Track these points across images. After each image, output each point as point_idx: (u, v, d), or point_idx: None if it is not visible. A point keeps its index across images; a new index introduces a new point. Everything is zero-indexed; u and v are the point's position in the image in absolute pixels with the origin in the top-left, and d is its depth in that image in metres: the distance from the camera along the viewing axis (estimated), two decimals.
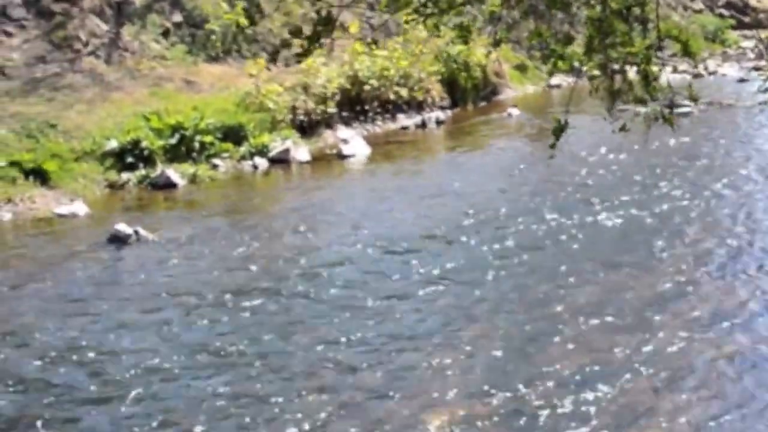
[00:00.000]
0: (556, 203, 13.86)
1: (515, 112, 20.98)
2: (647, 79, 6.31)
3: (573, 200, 14.02)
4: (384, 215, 13.56)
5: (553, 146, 6.36)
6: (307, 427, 7.58)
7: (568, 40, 6.86)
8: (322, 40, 6.07)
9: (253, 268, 11.40)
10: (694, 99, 6.99)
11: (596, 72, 6.69)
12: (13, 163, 14.87)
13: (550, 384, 8.18)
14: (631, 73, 6.56)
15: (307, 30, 5.98)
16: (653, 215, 13.13)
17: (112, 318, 9.96)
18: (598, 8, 6.40)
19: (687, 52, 6.44)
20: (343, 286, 10.71)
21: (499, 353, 8.86)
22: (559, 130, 6.44)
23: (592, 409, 7.74)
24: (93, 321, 9.89)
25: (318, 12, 5.97)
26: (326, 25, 5.95)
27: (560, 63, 6.71)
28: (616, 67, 6.51)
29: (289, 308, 10.11)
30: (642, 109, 6.65)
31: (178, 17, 19.90)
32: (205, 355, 8.94)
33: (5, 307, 10.42)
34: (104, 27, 18.98)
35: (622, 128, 6.62)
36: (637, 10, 6.49)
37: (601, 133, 16.20)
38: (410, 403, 7.95)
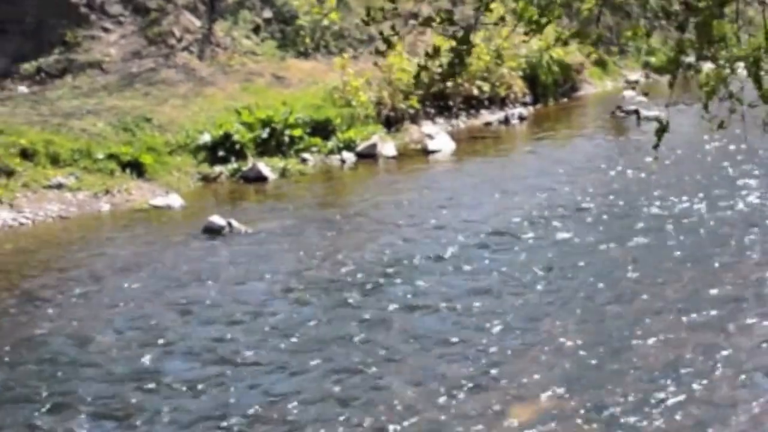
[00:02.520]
0: (641, 198, 13.97)
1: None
2: (759, 82, 6.20)
3: (658, 195, 14.08)
4: (470, 210, 13.78)
5: (655, 147, 6.30)
6: (395, 415, 7.81)
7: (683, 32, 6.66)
8: (462, 64, 6.09)
9: (342, 261, 11.70)
10: None
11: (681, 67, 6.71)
12: (111, 156, 15.42)
13: (635, 379, 8.30)
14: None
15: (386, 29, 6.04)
16: (743, 212, 13.14)
17: (206, 307, 10.33)
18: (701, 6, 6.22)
19: None
20: (428, 280, 10.93)
21: (583, 348, 8.99)
22: (661, 130, 6.34)
23: (676, 405, 7.84)
24: (188, 310, 10.27)
25: (455, 34, 5.99)
26: (466, 44, 5.97)
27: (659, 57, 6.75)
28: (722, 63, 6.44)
29: (374, 301, 10.36)
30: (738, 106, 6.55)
31: (268, 14, 20.38)
32: (297, 344, 9.22)
33: (106, 295, 10.86)
34: (197, 23, 19.53)
35: (720, 125, 6.59)
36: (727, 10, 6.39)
37: (688, 129, 16.29)
38: (496, 396, 8.12)
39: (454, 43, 5.72)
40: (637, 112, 20.03)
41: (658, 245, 11.93)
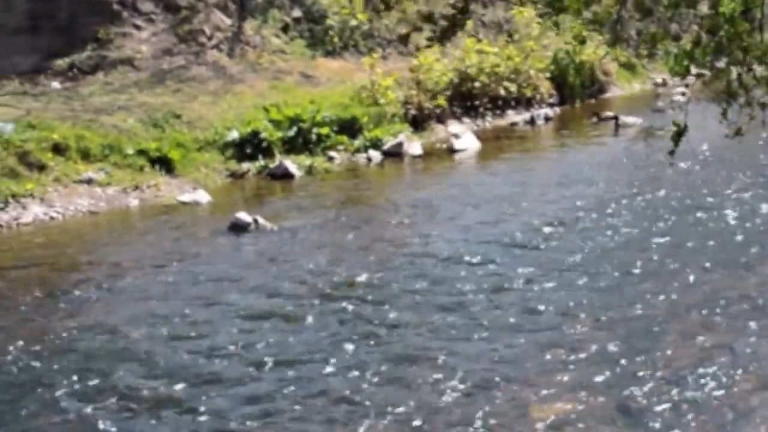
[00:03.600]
0: (664, 200, 14.03)
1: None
2: None
3: (682, 197, 14.15)
4: (493, 210, 13.88)
5: (672, 153, 6.37)
6: (418, 414, 7.89)
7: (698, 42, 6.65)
8: (457, 29, 6.21)
9: (367, 259, 11.84)
10: None
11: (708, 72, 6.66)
12: (140, 152, 15.67)
13: (657, 380, 8.36)
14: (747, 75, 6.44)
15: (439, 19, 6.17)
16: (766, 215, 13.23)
17: (232, 303, 10.49)
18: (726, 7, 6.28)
19: None
20: (452, 279, 11.03)
21: (606, 348, 9.06)
22: (678, 134, 6.45)
23: (698, 406, 7.90)
24: (215, 306, 10.42)
25: (455, 3, 6.14)
26: (463, 13, 6.14)
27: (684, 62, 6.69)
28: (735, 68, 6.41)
29: (398, 299, 10.46)
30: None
31: (297, 13, 20.58)
32: (322, 342, 9.34)
33: (133, 289, 11.07)
34: (227, 21, 19.76)
35: (738, 132, 6.63)
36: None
37: (711, 132, 16.29)
38: (518, 395, 8.21)
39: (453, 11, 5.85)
40: (616, 118, 19.94)
41: (682, 246, 11.96)
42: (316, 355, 9.09)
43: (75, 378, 8.66)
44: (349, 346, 9.24)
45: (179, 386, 8.48)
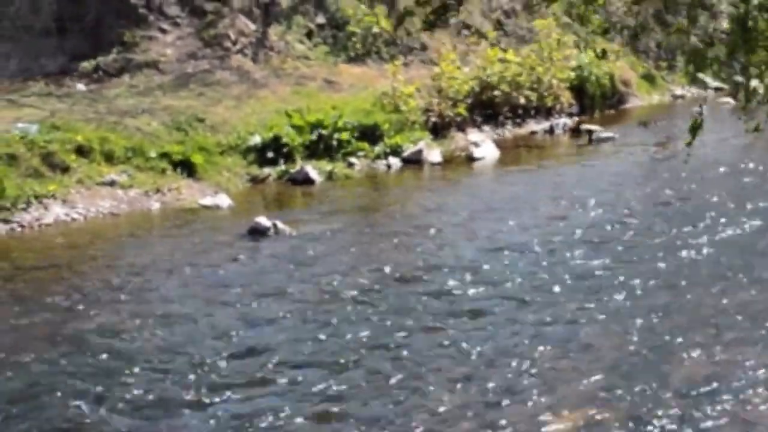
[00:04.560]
0: (680, 213, 14.09)
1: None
2: None
3: (697, 210, 14.17)
4: (511, 218, 13.94)
5: (689, 144, 6.29)
6: (430, 423, 7.98)
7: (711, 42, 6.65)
8: (449, 14, 6.21)
9: (385, 265, 11.90)
10: None
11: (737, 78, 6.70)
12: (163, 155, 15.83)
13: (669, 394, 8.41)
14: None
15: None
16: None
17: (250, 307, 10.62)
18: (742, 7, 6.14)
19: None
20: (468, 286, 11.12)
21: (619, 361, 9.13)
22: (695, 128, 6.28)
23: (710, 421, 7.94)
24: (233, 309, 10.54)
25: None
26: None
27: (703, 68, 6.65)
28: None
29: (415, 306, 10.55)
30: None
31: (321, 19, 20.74)
32: (338, 348, 9.44)
33: (152, 291, 11.20)
34: (252, 27, 19.94)
35: (756, 128, 6.56)
36: None
37: (727, 143, 16.37)
38: (530, 407, 8.26)
39: None
40: (590, 132, 19.95)
41: (696, 259, 12.00)
42: (331, 360, 9.19)
43: (92, 379, 8.78)
44: (363, 353, 9.33)
45: (197, 389, 8.59)
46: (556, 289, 11.07)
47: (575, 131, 20.44)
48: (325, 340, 9.68)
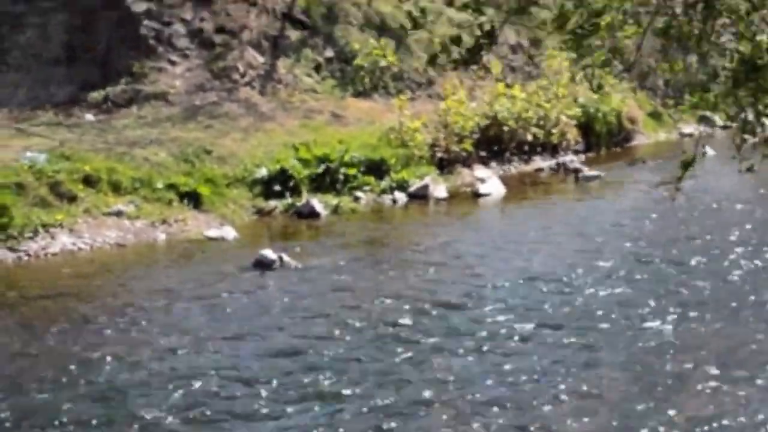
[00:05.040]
0: (683, 250, 14.12)
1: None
2: None
3: (702, 248, 14.22)
4: (515, 255, 14.01)
5: (679, 179, 6.30)
6: None
7: (715, 75, 6.68)
8: (483, 53, 6.33)
9: (389, 299, 11.97)
10: None
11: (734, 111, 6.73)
12: (170, 186, 15.89)
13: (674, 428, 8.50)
14: None
15: (468, 41, 6.30)
16: None
17: (255, 340, 10.68)
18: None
19: None
20: (471, 321, 11.19)
21: (624, 398, 9.20)
22: (688, 163, 6.44)
23: None
24: (237, 341, 10.61)
25: (481, 25, 6.26)
26: (489, 38, 6.27)
27: (702, 102, 6.68)
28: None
29: (418, 340, 10.60)
30: None
31: (329, 53, 20.86)
32: (342, 380, 9.48)
33: (158, 323, 11.26)
34: (261, 59, 20.06)
35: (750, 169, 6.55)
36: None
37: (733, 180, 16.41)
38: None
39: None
40: (576, 171, 19.94)
41: (698, 298, 12.05)
42: (334, 395, 9.23)
43: (97, 407, 8.85)
44: (367, 386, 9.37)
45: (198, 420, 8.65)
46: (555, 323, 11.13)
47: (557, 170, 20.36)
48: (330, 372, 9.71)
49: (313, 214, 16.25)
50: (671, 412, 8.81)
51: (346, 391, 9.31)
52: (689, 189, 17.79)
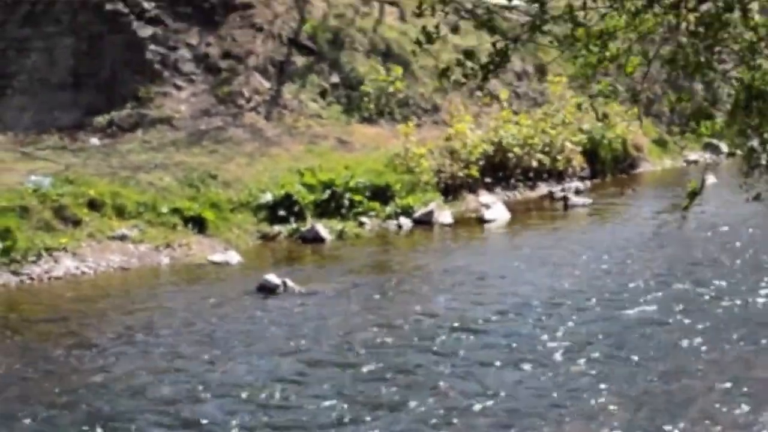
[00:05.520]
0: (689, 277, 14.08)
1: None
2: None
3: (708, 276, 14.14)
4: (520, 281, 13.97)
5: (686, 208, 6.46)
6: None
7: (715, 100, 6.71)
8: (496, 71, 6.37)
9: (393, 325, 11.94)
10: None
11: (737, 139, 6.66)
12: (175, 210, 15.87)
13: None
14: None
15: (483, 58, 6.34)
16: None
17: (256, 363, 10.67)
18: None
19: None
20: (475, 347, 11.17)
21: (629, 422, 9.17)
22: (693, 193, 6.49)
23: None
24: (241, 366, 10.59)
25: (495, 44, 6.32)
26: (502, 57, 6.31)
27: (704, 129, 6.66)
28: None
29: (423, 365, 10.58)
30: None
31: (335, 78, 20.86)
32: (347, 407, 9.43)
33: (159, 346, 11.23)
34: (266, 85, 20.07)
35: (757, 197, 6.70)
36: None
37: (737, 209, 16.39)
38: None
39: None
40: (565, 198, 19.79)
41: (702, 327, 11.99)
42: (335, 421, 9.21)
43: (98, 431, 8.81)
44: (372, 412, 9.36)
45: None
46: (559, 346, 11.11)
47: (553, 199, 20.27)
48: (335, 398, 9.69)
49: (317, 239, 16.20)
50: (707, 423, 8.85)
51: (348, 417, 9.28)
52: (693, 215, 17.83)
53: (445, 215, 17.89)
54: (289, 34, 21.06)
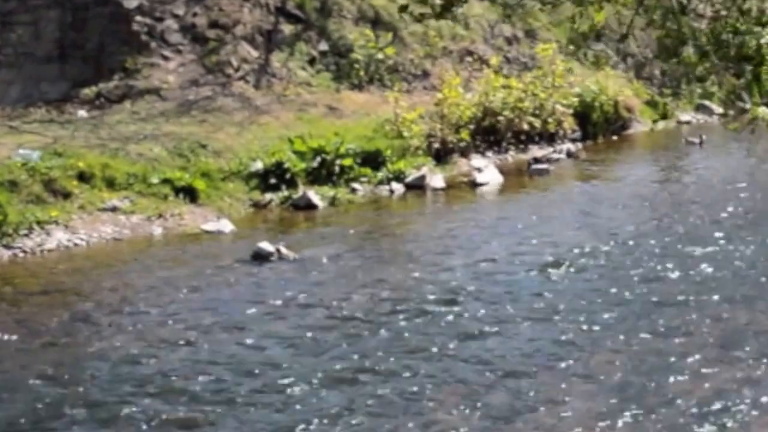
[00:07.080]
0: (684, 234, 14.12)
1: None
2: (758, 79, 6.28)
3: (702, 232, 14.20)
4: (514, 243, 13.94)
5: (655, 122, 6.42)
6: None
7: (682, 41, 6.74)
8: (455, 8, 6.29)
9: (387, 289, 11.93)
10: None
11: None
12: (165, 180, 15.80)
13: (672, 413, 8.46)
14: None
15: None
16: None
17: (253, 331, 10.60)
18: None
19: None
20: (470, 309, 11.13)
21: (622, 381, 9.15)
22: (663, 115, 6.49)
23: None
24: (236, 334, 10.53)
25: None
26: None
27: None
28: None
29: (417, 329, 10.55)
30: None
31: (324, 46, 20.76)
32: (341, 373, 9.43)
33: (155, 316, 11.17)
34: (255, 54, 19.96)
35: (735, 128, 6.72)
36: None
37: (734, 166, 16.41)
38: (533, 426, 8.33)
39: None
40: (529, 163, 19.61)
41: (698, 283, 12.01)
42: (333, 384, 9.19)
43: (95, 403, 8.78)
44: (365, 377, 9.33)
45: (200, 411, 8.60)
46: (555, 310, 11.08)
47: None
48: (330, 361, 9.68)
49: (309, 206, 16.15)
50: (663, 397, 8.81)
51: (342, 379, 9.27)
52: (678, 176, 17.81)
53: (437, 179, 17.85)
54: (277, 3, 20.95)
